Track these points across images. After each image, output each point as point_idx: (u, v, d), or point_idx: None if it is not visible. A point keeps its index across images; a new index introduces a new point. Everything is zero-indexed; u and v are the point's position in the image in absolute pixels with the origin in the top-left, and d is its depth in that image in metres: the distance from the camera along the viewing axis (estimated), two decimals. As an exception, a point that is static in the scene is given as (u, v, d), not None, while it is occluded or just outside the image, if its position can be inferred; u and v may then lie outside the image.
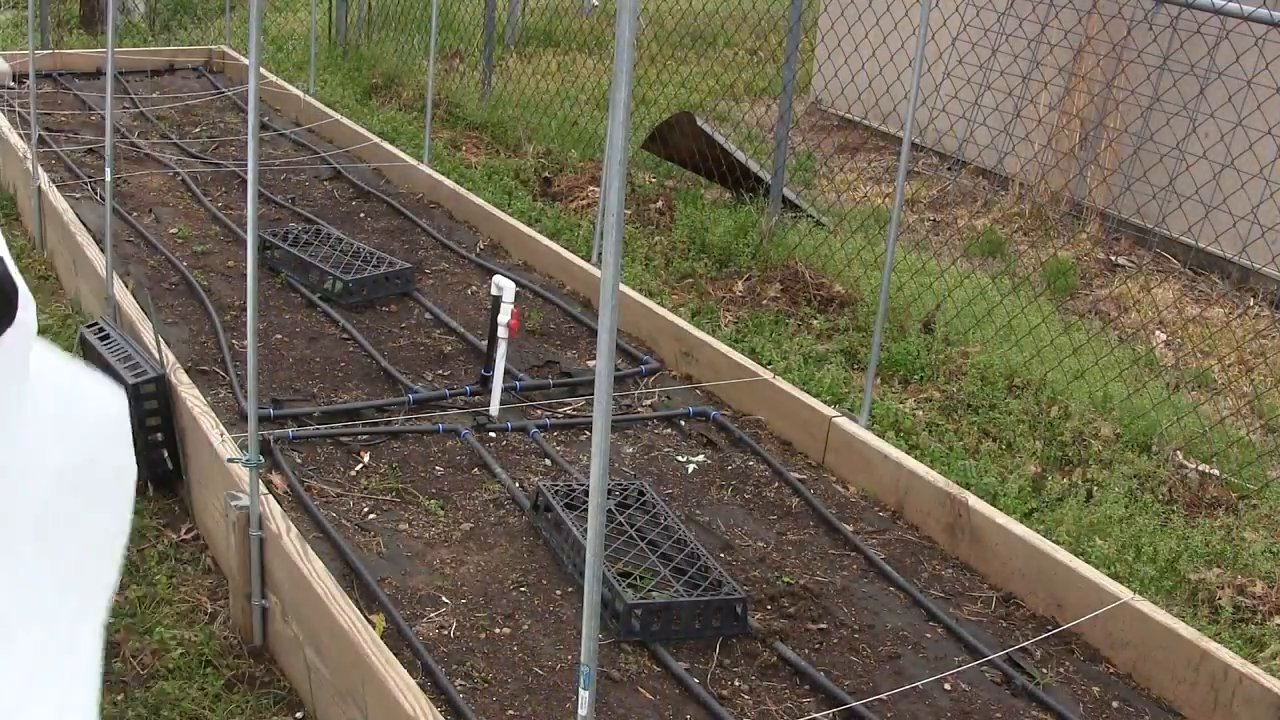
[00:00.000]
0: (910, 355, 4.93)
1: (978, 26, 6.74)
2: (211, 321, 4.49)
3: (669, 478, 3.84)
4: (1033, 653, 3.19)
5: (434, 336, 4.64)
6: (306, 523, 3.36)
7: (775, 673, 3.01)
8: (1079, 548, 3.73)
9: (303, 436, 3.80)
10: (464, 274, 5.30)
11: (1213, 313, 5.88)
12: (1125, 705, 3.04)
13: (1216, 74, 5.45)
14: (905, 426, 4.40)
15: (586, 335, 4.76)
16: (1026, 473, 4.18)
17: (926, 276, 5.80)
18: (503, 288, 3.91)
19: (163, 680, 2.89)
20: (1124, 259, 6.50)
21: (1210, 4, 4.63)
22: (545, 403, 4.21)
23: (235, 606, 3.09)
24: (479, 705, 2.79)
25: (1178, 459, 4.36)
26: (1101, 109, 6.76)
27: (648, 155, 6.95)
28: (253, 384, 2.84)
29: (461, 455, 3.83)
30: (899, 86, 7.18)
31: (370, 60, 9.07)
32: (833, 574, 3.43)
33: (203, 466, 3.40)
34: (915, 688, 2.99)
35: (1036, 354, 5.03)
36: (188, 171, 6.10)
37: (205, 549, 3.39)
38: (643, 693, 2.89)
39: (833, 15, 7.98)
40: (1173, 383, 5.02)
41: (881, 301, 3.88)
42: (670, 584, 3.17)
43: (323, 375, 4.24)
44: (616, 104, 1.73)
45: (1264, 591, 3.63)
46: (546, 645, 3.01)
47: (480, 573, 3.27)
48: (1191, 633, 3.04)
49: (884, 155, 7.97)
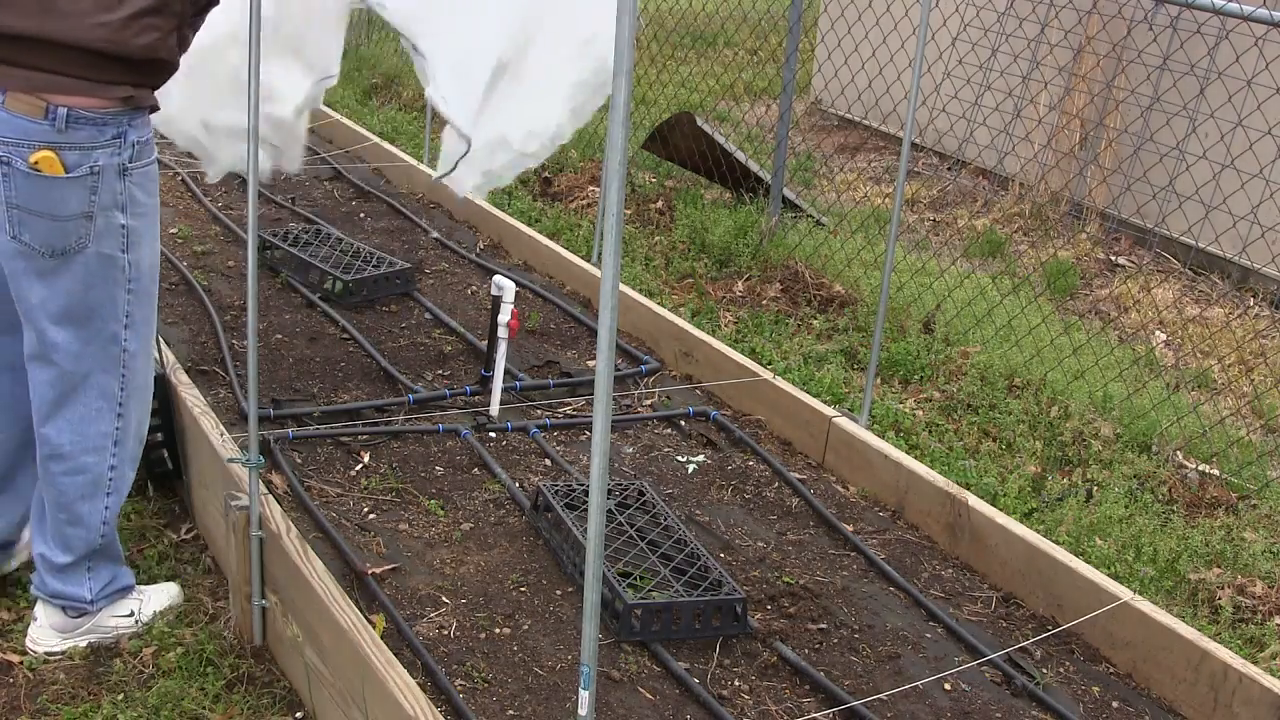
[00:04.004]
0: (910, 355, 4.93)
1: (978, 26, 6.74)
2: (211, 321, 4.49)
3: (669, 478, 3.84)
4: (1033, 653, 3.19)
5: (434, 336, 4.64)
6: (306, 523, 3.36)
7: (775, 673, 3.01)
8: (1079, 548, 3.73)
9: (303, 436, 3.80)
10: (464, 274, 5.30)
11: (1213, 313, 5.88)
12: (1125, 705, 3.04)
13: (1216, 74, 5.45)
14: (905, 426, 4.40)
15: (586, 335, 4.77)
16: (1026, 473, 4.18)
17: (926, 276, 5.80)
18: (503, 288, 3.91)
19: (163, 680, 2.89)
20: (1124, 259, 6.51)
21: (1210, 4, 4.63)
22: (545, 403, 4.21)
23: (235, 606, 3.09)
24: (479, 705, 2.79)
25: (1178, 459, 4.36)
26: (1101, 109, 6.76)
27: (648, 155, 6.95)
28: (253, 384, 2.84)
29: (461, 455, 3.83)
30: (899, 86, 7.19)
31: (370, 60, 9.08)
32: (833, 574, 3.43)
33: (203, 466, 3.40)
34: (915, 688, 3.00)
35: (1036, 354, 5.03)
36: (188, 171, 6.10)
37: (205, 549, 3.39)
38: (643, 693, 2.89)
39: (833, 15, 7.98)
40: (1173, 383, 5.02)
41: (881, 301, 3.88)
42: (670, 584, 3.17)
43: (323, 375, 4.24)
44: (616, 104, 1.73)
45: (1264, 591, 3.63)
46: (546, 645, 3.02)
47: (480, 573, 3.27)
48: (1191, 633, 3.05)
49: (884, 155, 7.98)
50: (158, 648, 3.00)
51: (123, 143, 2.59)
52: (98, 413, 2.77)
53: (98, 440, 2.79)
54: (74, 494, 2.81)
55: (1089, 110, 6.84)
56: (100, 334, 2.71)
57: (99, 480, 2.82)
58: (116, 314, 2.70)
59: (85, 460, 2.79)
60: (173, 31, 2.59)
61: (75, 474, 2.79)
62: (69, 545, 2.87)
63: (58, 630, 2.96)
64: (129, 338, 2.74)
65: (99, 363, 2.73)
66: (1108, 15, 6.38)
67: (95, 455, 2.79)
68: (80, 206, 2.58)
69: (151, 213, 2.72)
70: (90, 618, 2.97)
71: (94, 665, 2.95)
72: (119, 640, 3.01)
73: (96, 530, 2.87)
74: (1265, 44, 5.02)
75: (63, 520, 2.85)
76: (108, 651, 2.99)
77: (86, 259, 2.63)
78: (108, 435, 2.80)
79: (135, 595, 3.06)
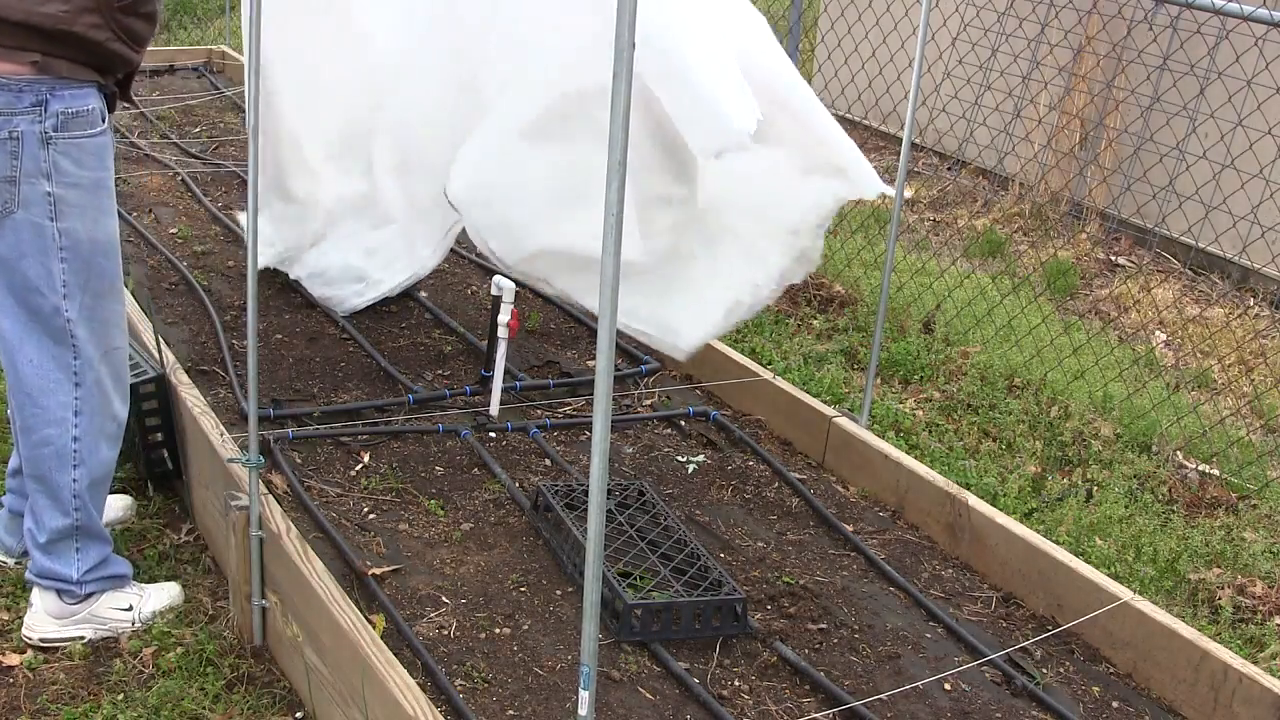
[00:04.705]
0: (910, 355, 4.93)
1: (978, 27, 6.74)
2: (211, 321, 4.48)
3: (669, 478, 3.84)
4: (1033, 653, 3.19)
5: (434, 336, 4.64)
6: (306, 523, 3.36)
7: (775, 673, 3.01)
8: (1079, 548, 3.73)
9: (303, 436, 3.80)
10: (464, 274, 5.31)
11: (1213, 313, 5.88)
12: (1125, 705, 3.04)
13: (1216, 74, 5.45)
14: (905, 426, 4.41)
15: (586, 335, 4.77)
16: (1026, 473, 4.18)
17: (926, 276, 5.80)
18: (503, 288, 3.91)
19: (163, 680, 2.89)
20: (1124, 259, 6.51)
21: (1210, 4, 4.63)
22: (545, 403, 4.21)
23: (235, 606, 3.09)
24: (479, 705, 2.79)
25: (1178, 459, 4.37)
26: (1101, 109, 6.76)
27: (648, 155, 6.93)
28: (253, 384, 2.84)
29: (461, 455, 3.83)
30: (899, 86, 7.19)
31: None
32: (833, 574, 3.43)
33: (203, 466, 3.40)
34: (915, 688, 3.00)
35: (1036, 354, 5.03)
36: (188, 171, 6.10)
37: (205, 549, 3.39)
38: (643, 693, 2.89)
39: (833, 15, 7.97)
40: (1173, 383, 5.02)
41: (881, 301, 3.88)
42: (670, 584, 3.17)
43: (323, 375, 4.24)
44: (617, 105, 1.73)
45: (1264, 591, 3.63)
46: (546, 645, 3.02)
47: (480, 573, 3.27)
48: (1191, 633, 3.05)
49: (884, 155, 7.97)
50: (158, 648, 3.00)
51: (44, 111, 2.67)
52: (56, 384, 2.84)
53: (57, 412, 2.86)
54: (44, 466, 2.89)
55: (1089, 110, 6.84)
56: (42, 306, 2.78)
57: (63, 452, 2.88)
58: (53, 285, 2.77)
59: (48, 433, 2.87)
60: (89, 11, 2.66)
61: (42, 446, 2.88)
62: (47, 519, 2.93)
63: (53, 616, 2.98)
64: (69, 308, 2.80)
65: (46, 334, 2.81)
66: (1108, 15, 6.38)
67: (56, 427, 2.87)
68: (2, 171, 2.67)
69: (89, 184, 2.77)
70: (86, 606, 3.00)
71: (94, 665, 2.95)
72: (118, 636, 3.02)
73: (69, 503, 2.92)
74: (1265, 44, 5.02)
75: (39, 492, 2.93)
76: (108, 651, 2.99)
77: (16, 224, 2.71)
78: (67, 406, 2.86)
79: (135, 591, 3.07)
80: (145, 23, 2.81)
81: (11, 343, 2.81)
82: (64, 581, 2.97)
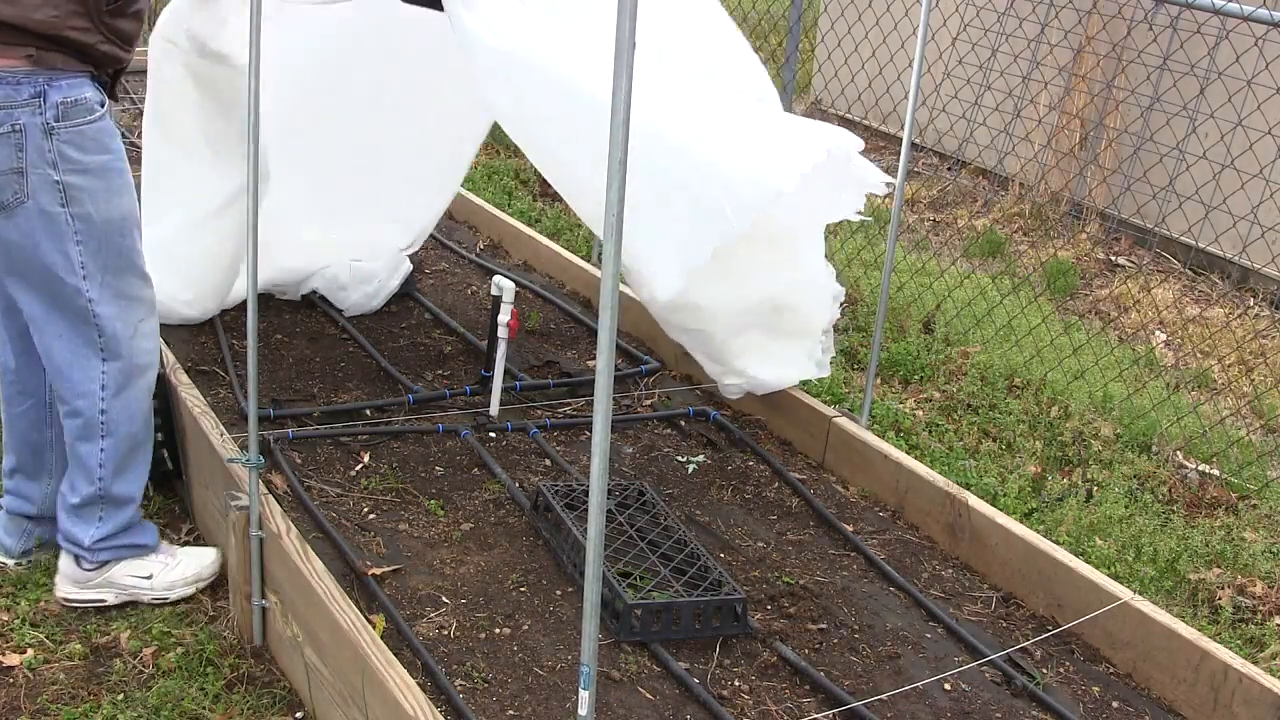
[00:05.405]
0: (910, 355, 4.93)
1: (978, 27, 6.74)
2: (211, 321, 4.48)
3: (669, 478, 3.85)
4: (1033, 653, 3.19)
5: (434, 336, 4.64)
6: (306, 523, 3.36)
7: (775, 673, 3.01)
8: (1079, 548, 3.73)
9: (303, 437, 3.80)
10: (464, 274, 5.31)
11: (1213, 313, 5.88)
12: (1125, 705, 3.04)
13: (1216, 74, 5.45)
14: (905, 426, 4.41)
15: (586, 335, 4.77)
16: (1026, 473, 4.18)
17: (926, 276, 5.80)
18: (503, 288, 3.91)
19: (163, 680, 2.89)
20: (1124, 259, 6.51)
21: (1210, 4, 4.64)
22: (545, 403, 4.21)
23: (235, 606, 3.09)
24: (479, 705, 2.79)
25: (1178, 459, 4.37)
26: (1101, 109, 6.76)
27: (648, 155, 6.93)
28: (253, 384, 2.84)
29: (461, 455, 3.83)
30: (899, 87, 7.19)
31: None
32: (833, 574, 3.43)
33: (203, 466, 3.40)
34: (915, 688, 3.00)
35: (1036, 354, 5.03)
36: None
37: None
38: (643, 693, 2.89)
39: (833, 16, 7.98)
40: (1173, 383, 5.02)
41: (881, 301, 3.88)
42: (670, 584, 3.17)
43: (323, 375, 4.24)
44: (617, 104, 1.73)
45: (1264, 591, 3.63)
46: (546, 645, 3.02)
47: (480, 573, 3.27)
48: (1191, 633, 3.05)
49: (884, 155, 7.97)
50: (158, 648, 3.00)
51: (43, 102, 2.73)
52: (85, 359, 2.95)
53: (85, 385, 2.97)
54: (73, 435, 3.03)
55: (1089, 110, 6.84)
56: (63, 289, 2.88)
57: (91, 424, 3.00)
58: (72, 268, 2.86)
59: (78, 404, 2.99)
60: (78, 15, 2.73)
61: (73, 417, 3.01)
62: (76, 485, 3.06)
63: (70, 579, 3.11)
64: (89, 288, 2.89)
65: (70, 313, 2.91)
66: (1108, 15, 6.38)
67: (85, 400, 2.98)
68: (9, 163, 2.73)
69: (96, 169, 2.84)
70: (101, 573, 3.10)
71: (94, 665, 2.95)
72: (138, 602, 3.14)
73: (95, 472, 3.03)
74: (1265, 44, 5.02)
75: (73, 460, 3.06)
76: (108, 651, 3.00)
77: (28, 213, 2.78)
78: (94, 380, 2.97)
79: (161, 558, 3.18)
80: (134, 22, 2.88)
81: (40, 324, 2.93)
82: (75, 544, 3.08)
